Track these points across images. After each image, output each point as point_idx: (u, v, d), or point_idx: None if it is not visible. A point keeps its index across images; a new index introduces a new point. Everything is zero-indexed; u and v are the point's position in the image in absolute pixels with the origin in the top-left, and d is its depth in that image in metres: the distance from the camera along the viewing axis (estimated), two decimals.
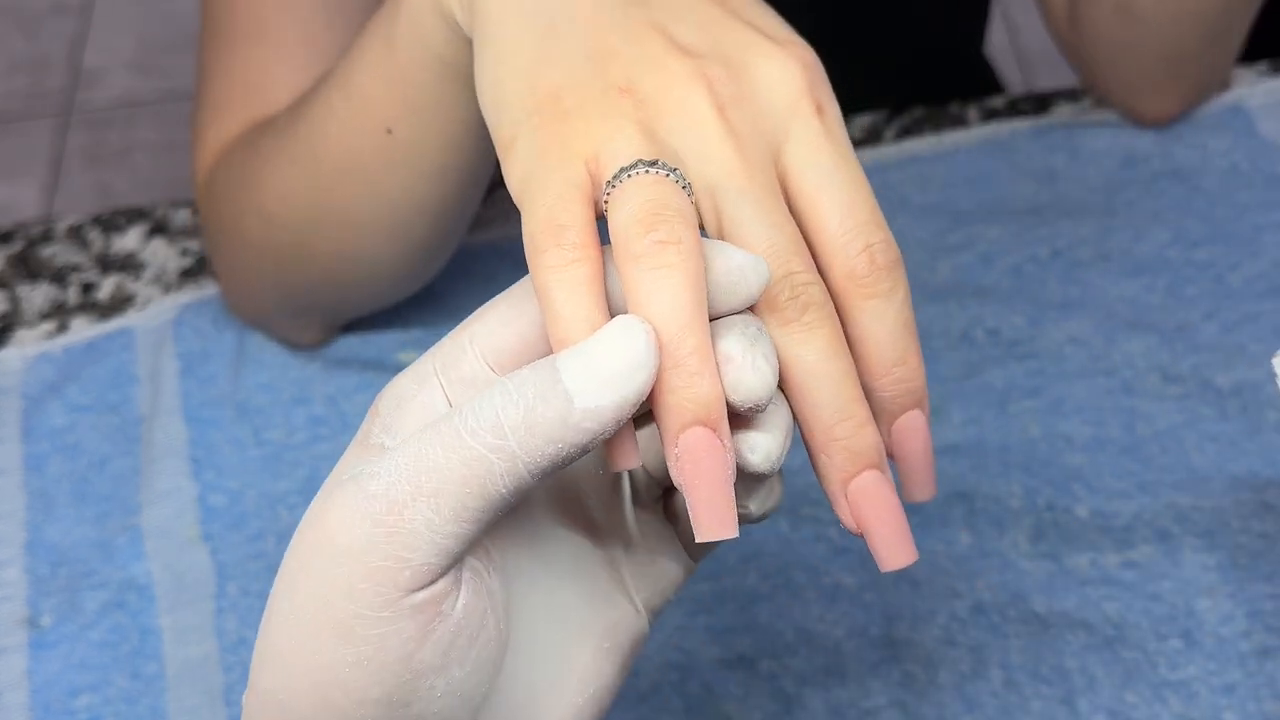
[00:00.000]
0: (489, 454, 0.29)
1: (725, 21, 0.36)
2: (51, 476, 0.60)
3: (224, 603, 0.56)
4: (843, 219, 0.34)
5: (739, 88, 0.35)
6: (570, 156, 0.34)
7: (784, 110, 0.35)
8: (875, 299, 0.34)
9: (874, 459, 0.33)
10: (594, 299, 0.31)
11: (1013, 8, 1.76)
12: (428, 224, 0.53)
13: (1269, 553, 0.56)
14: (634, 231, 0.31)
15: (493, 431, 0.29)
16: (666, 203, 0.32)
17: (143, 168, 1.70)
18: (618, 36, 0.36)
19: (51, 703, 0.54)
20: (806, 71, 0.36)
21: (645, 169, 0.32)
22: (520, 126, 0.35)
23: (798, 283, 0.33)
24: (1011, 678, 0.53)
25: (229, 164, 0.58)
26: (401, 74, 0.46)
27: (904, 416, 0.36)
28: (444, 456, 0.29)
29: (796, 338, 0.33)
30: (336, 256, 0.55)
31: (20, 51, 1.84)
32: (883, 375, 0.35)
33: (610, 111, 0.34)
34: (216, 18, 0.60)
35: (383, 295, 0.60)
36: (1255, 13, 0.66)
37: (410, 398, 0.33)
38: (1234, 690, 0.52)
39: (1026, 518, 0.57)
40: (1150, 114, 0.69)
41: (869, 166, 0.70)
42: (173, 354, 0.63)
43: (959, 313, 0.64)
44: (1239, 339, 0.62)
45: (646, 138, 0.34)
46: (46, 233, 0.69)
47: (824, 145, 0.35)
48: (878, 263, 0.34)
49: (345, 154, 0.51)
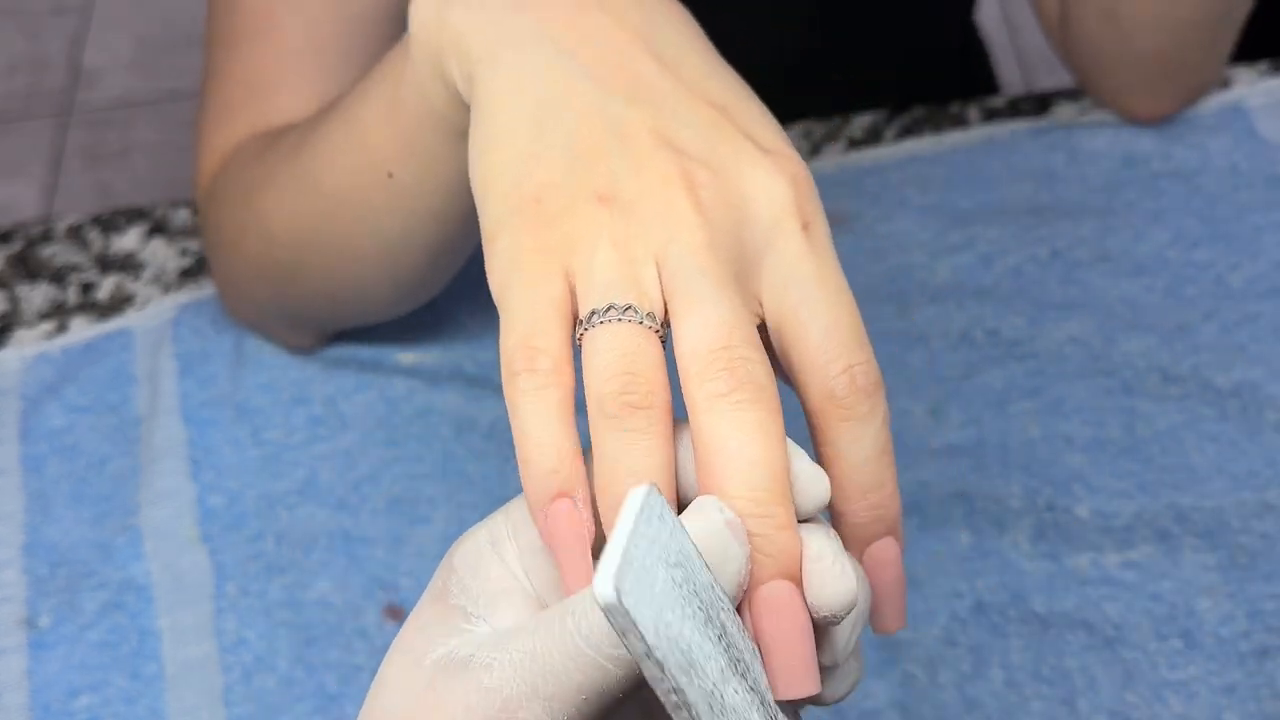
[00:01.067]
0: (607, 664, 0.29)
1: (721, 128, 0.36)
2: (50, 477, 0.60)
3: (223, 603, 0.56)
4: (823, 337, 0.33)
5: (723, 194, 0.34)
6: (549, 272, 0.34)
7: (768, 222, 0.34)
8: (852, 421, 0.33)
9: (787, 566, 0.31)
10: (563, 423, 0.32)
11: (1013, 8, 1.75)
12: (424, 260, 0.53)
13: (1269, 553, 0.56)
14: (606, 390, 0.32)
15: (608, 642, 0.29)
16: (635, 359, 0.32)
17: (142, 168, 1.70)
18: (608, 134, 0.35)
19: (51, 703, 0.54)
20: (795, 185, 0.35)
21: (618, 316, 0.32)
22: (503, 225, 0.35)
23: (735, 356, 0.32)
24: (1012, 678, 0.53)
25: (233, 173, 0.58)
26: (403, 124, 0.45)
27: (876, 545, 0.34)
28: (562, 663, 0.29)
29: (723, 414, 0.31)
30: (333, 279, 0.55)
31: (20, 51, 1.84)
32: (856, 500, 0.34)
33: (589, 223, 0.34)
34: (222, 19, 0.60)
35: (379, 315, 0.60)
36: (1246, 16, 0.66)
37: (486, 559, 0.33)
38: (1234, 690, 0.52)
39: (1027, 518, 0.57)
40: (1144, 114, 0.69)
41: (869, 167, 0.70)
42: (171, 354, 0.63)
43: (959, 313, 0.64)
44: (1239, 339, 0.62)
45: (621, 255, 0.33)
46: (46, 233, 0.69)
47: (806, 260, 0.34)
48: (858, 384, 0.33)
49: (345, 188, 0.50)
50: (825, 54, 0.77)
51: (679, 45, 0.38)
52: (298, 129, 0.54)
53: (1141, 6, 0.64)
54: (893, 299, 0.65)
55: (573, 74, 0.36)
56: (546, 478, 0.32)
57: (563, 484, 0.32)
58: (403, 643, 0.33)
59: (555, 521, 0.32)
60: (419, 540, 0.58)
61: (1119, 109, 0.70)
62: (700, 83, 0.37)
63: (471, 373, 0.63)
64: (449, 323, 0.64)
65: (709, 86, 0.37)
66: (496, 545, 0.33)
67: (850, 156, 0.70)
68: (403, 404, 0.62)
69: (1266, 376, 0.61)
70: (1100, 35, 0.66)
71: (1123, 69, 0.67)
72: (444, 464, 0.60)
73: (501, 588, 0.33)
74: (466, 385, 0.62)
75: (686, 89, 0.36)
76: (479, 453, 0.60)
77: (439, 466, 0.60)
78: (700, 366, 0.32)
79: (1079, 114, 0.72)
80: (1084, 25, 0.67)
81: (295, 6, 0.58)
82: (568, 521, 0.32)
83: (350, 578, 0.57)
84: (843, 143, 0.71)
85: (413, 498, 0.59)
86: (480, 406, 0.61)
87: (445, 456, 0.60)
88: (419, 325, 0.64)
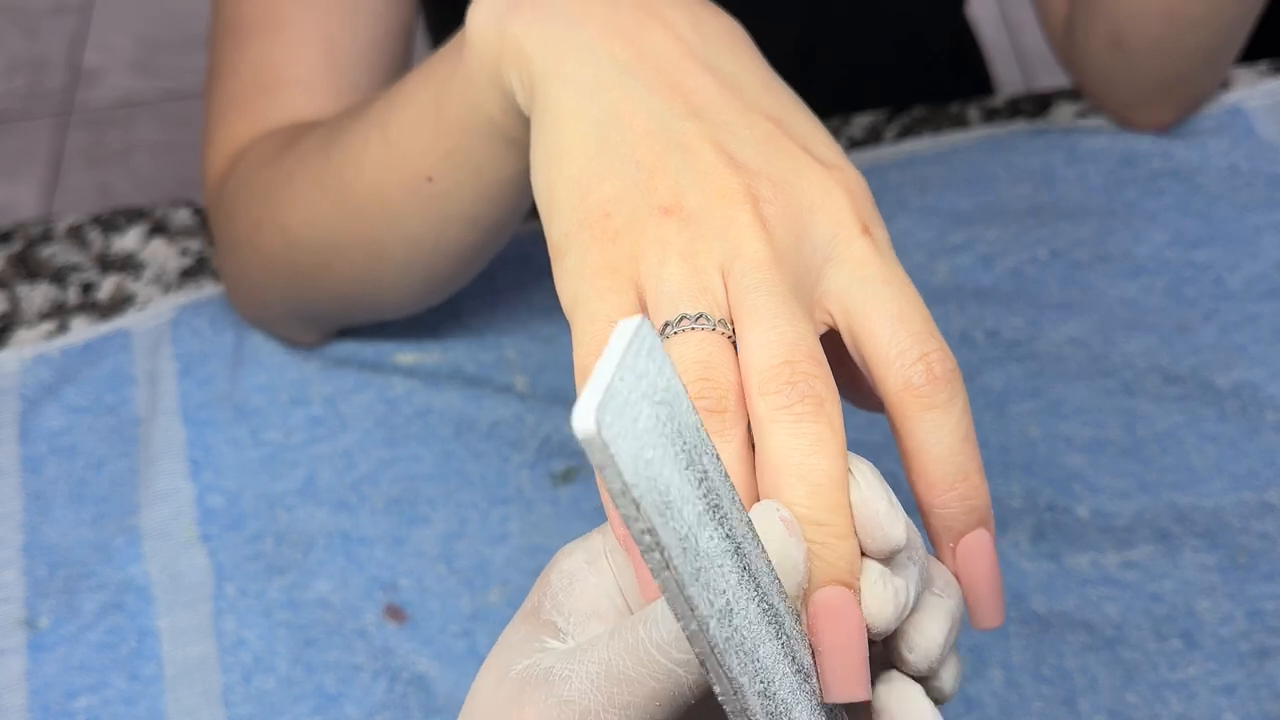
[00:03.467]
0: (677, 669, 0.30)
1: (778, 141, 0.36)
2: (49, 478, 0.60)
3: (222, 603, 0.56)
4: (894, 328, 0.34)
5: (785, 208, 0.35)
6: (617, 287, 0.34)
7: (828, 234, 0.35)
8: (934, 410, 0.33)
9: (842, 572, 0.31)
10: None
11: (1013, 7, 1.75)
12: (453, 264, 0.53)
13: (1269, 553, 0.56)
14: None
15: (678, 647, 0.30)
16: (709, 366, 0.33)
17: (142, 168, 1.70)
18: (670, 148, 0.36)
19: (50, 704, 0.54)
20: (852, 198, 0.36)
21: (690, 325, 0.33)
22: (571, 239, 0.36)
23: (797, 371, 0.32)
24: (1012, 678, 0.53)
25: (247, 172, 0.57)
26: (448, 129, 0.45)
27: (969, 537, 0.34)
28: (636, 670, 0.30)
29: (784, 427, 0.32)
30: (354, 281, 0.55)
31: (20, 51, 1.84)
32: (945, 491, 0.33)
33: (655, 236, 0.35)
34: (227, 12, 0.59)
35: (394, 314, 0.60)
36: (1250, 31, 0.66)
37: (581, 577, 0.33)
38: (1234, 690, 0.52)
39: (1027, 518, 0.57)
40: (1146, 125, 0.70)
41: (869, 167, 0.70)
42: (170, 355, 0.63)
43: (958, 314, 0.64)
44: (1239, 340, 0.62)
45: (689, 265, 0.34)
46: (46, 233, 0.69)
47: (870, 262, 0.35)
48: (935, 372, 0.33)
49: (378, 192, 0.50)
50: (816, 52, 0.77)
51: (735, 61, 0.39)
52: (320, 130, 0.54)
53: (1149, 34, 0.64)
54: None
55: (633, 90, 0.37)
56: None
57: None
58: (494, 658, 0.33)
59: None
60: (418, 540, 0.58)
61: (1120, 120, 0.70)
62: (757, 98, 0.38)
63: (471, 373, 0.63)
64: (449, 323, 0.64)
65: (765, 101, 0.38)
66: (594, 563, 0.34)
67: (849, 157, 0.70)
68: (402, 404, 0.62)
69: (1266, 377, 0.61)
70: (1106, 60, 0.66)
71: (1127, 88, 0.68)
72: (443, 464, 0.60)
73: (595, 607, 0.33)
74: (466, 385, 0.62)
75: (744, 104, 0.37)
76: (479, 453, 0.60)
77: (438, 466, 0.60)
78: (762, 380, 0.32)
79: (1078, 114, 0.72)
80: (1090, 50, 0.67)
81: (304, 2, 0.57)
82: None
83: (350, 578, 0.57)
84: (842, 143, 0.71)
85: (412, 498, 0.59)
86: (480, 406, 0.61)
87: (445, 457, 0.60)
88: (419, 325, 0.64)
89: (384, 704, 0.53)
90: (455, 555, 0.57)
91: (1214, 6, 0.62)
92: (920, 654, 0.32)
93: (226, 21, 0.59)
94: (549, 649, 0.32)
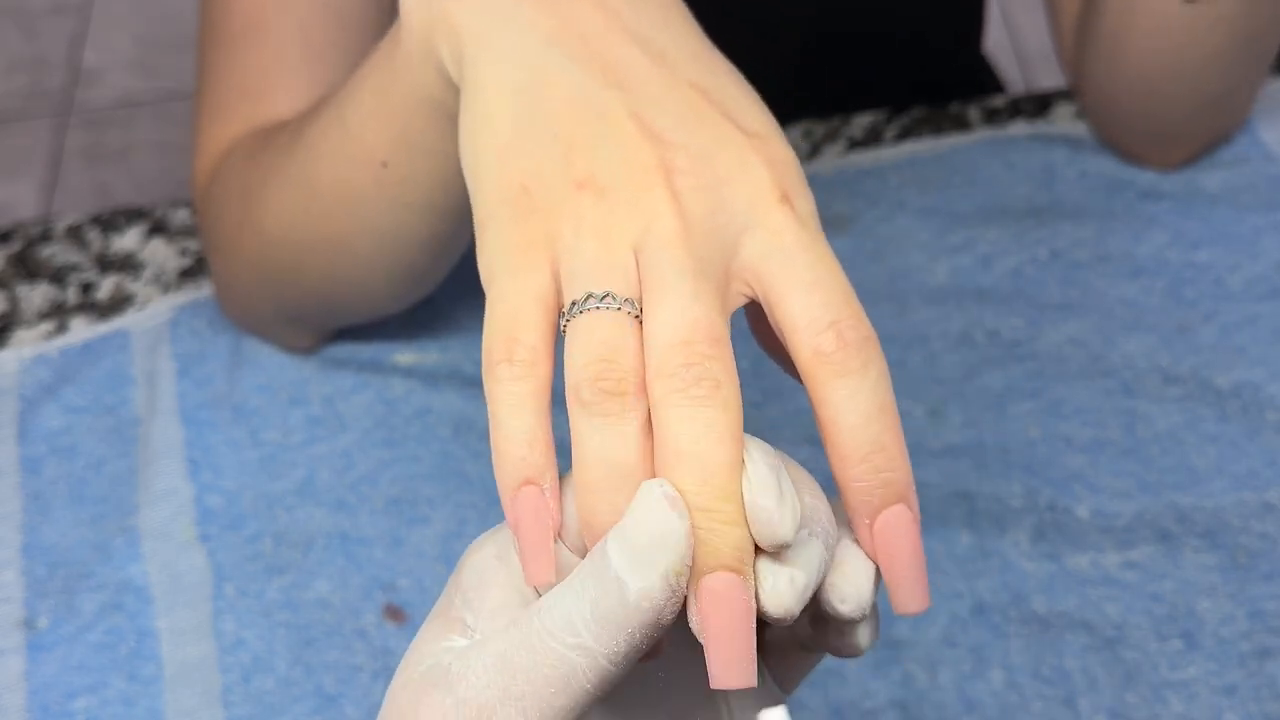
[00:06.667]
0: (569, 653, 0.29)
1: (701, 111, 0.36)
2: (48, 478, 0.60)
3: (221, 604, 0.56)
4: (807, 296, 0.33)
5: (700, 179, 0.34)
6: (533, 264, 0.34)
7: (745, 204, 0.34)
8: (846, 378, 0.32)
9: (731, 559, 0.30)
10: (535, 413, 0.32)
11: (1013, 8, 1.75)
12: (420, 256, 0.53)
13: (1269, 553, 0.56)
14: (582, 378, 0.32)
15: (567, 630, 0.29)
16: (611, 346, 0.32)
17: (142, 168, 1.69)
18: (588, 120, 0.35)
19: (49, 705, 0.54)
20: (772, 167, 0.35)
21: (596, 304, 0.32)
22: (491, 216, 0.35)
23: (694, 352, 0.31)
24: (1012, 678, 0.53)
25: (228, 174, 0.58)
26: (395, 111, 0.45)
27: (886, 513, 0.32)
28: (528, 659, 0.30)
29: (677, 410, 0.31)
30: (330, 278, 0.55)
31: (19, 51, 1.84)
32: (858, 463, 0.32)
33: (570, 212, 0.34)
34: (214, 19, 0.60)
35: (376, 312, 0.60)
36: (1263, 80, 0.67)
37: (492, 571, 0.33)
38: (1234, 691, 0.52)
39: (1027, 518, 0.57)
40: (1157, 164, 0.70)
41: (869, 168, 0.70)
42: (169, 355, 0.63)
43: (958, 314, 0.64)
44: (1239, 340, 0.62)
45: (600, 242, 0.33)
46: (45, 233, 0.69)
47: (787, 229, 0.34)
48: (846, 339, 0.32)
49: (339, 183, 0.50)
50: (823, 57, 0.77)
51: (665, 32, 0.38)
52: (290, 127, 0.54)
53: (1182, 83, 0.64)
54: (892, 300, 0.64)
55: (556, 60, 0.37)
56: (515, 465, 0.32)
57: (530, 470, 0.32)
58: (405, 658, 0.33)
59: (520, 506, 0.32)
60: (417, 540, 0.58)
61: (1130, 158, 0.70)
62: (683, 66, 0.37)
63: (470, 373, 0.63)
64: (447, 323, 0.64)
65: (692, 70, 0.37)
66: (504, 560, 0.33)
67: (850, 158, 0.70)
68: (401, 404, 0.62)
69: (1266, 377, 0.61)
70: (1133, 108, 0.67)
71: (1145, 132, 0.68)
72: (442, 464, 0.60)
73: (504, 601, 0.33)
74: (465, 385, 0.62)
75: (669, 73, 0.36)
76: (477, 453, 0.60)
77: (437, 467, 0.60)
78: (660, 362, 0.32)
79: (1078, 114, 0.72)
80: (1115, 94, 0.67)
81: (285, 6, 0.58)
82: (532, 507, 0.32)
83: (349, 578, 0.57)
84: (842, 143, 0.71)
85: (411, 498, 0.59)
86: (479, 406, 0.61)
87: (444, 457, 0.60)
88: (417, 325, 0.64)
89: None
90: (454, 555, 0.57)
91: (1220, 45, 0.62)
92: (853, 604, 0.32)
93: (211, 28, 0.60)
94: (453, 646, 0.32)
